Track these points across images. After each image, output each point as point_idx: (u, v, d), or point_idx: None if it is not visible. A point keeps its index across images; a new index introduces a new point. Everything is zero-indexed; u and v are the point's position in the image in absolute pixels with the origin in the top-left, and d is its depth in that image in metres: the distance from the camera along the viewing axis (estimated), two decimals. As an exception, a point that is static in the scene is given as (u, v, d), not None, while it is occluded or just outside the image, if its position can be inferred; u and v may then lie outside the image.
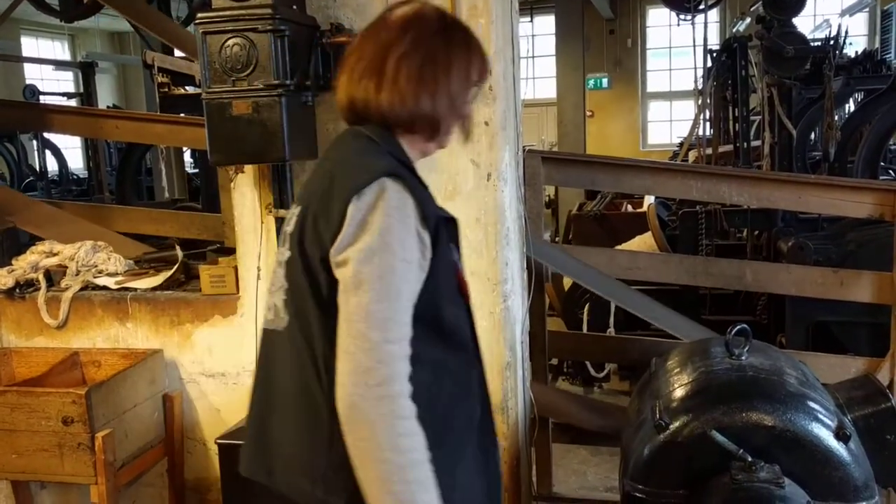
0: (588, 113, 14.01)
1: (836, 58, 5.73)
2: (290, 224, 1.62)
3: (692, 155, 7.60)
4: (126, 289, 3.15)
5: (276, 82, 2.41)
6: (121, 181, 7.23)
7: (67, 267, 3.21)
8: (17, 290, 3.17)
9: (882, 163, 5.51)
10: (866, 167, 5.14)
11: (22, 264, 3.21)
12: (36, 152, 9.61)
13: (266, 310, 1.67)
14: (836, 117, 5.62)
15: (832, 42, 5.72)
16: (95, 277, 3.19)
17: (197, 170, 8.18)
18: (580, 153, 10.63)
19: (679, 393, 2.32)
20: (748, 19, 9.02)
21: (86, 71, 9.51)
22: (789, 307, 4.44)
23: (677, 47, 15.14)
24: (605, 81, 15.91)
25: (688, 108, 14.13)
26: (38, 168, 9.56)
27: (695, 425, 2.17)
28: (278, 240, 2.73)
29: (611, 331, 5.09)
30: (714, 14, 12.68)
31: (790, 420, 2.13)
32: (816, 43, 5.80)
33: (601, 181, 3.70)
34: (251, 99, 2.42)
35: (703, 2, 8.51)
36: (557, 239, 8.25)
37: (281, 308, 1.61)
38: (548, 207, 9.92)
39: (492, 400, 1.73)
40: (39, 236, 3.65)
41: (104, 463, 2.64)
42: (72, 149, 12.45)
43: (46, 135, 9.66)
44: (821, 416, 2.16)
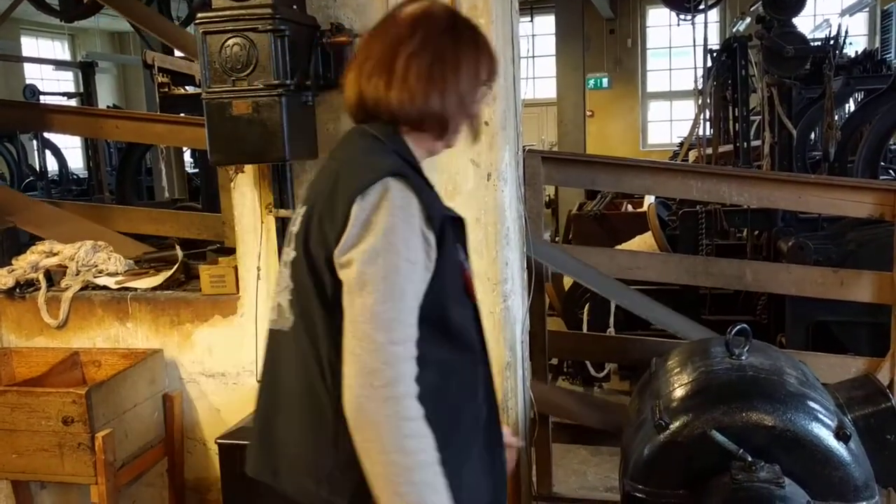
0: (588, 113, 14.01)
1: (836, 58, 5.73)
2: (296, 224, 1.62)
3: (692, 155, 7.59)
4: (126, 289, 3.15)
5: (276, 82, 2.41)
6: (121, 181, 7.23)
7: (67, 267, 3.21)
8: (18, 290, 3.17)
9: (882, 163, 5.50)
10: (866, 167, 5.14)
11: (22, 264, 3.21)
12: (36, 152, 9.61)
13: (272, 310, 1.66)
14: (836, 117, 5.61)
15: (832, 42, 5.72)
16: (95, 277, 3.19)
17: (197, 170, 8.18)
18: (580, 153, 10.63)
19: (679, 393, 2.32)
20: (748, 19, 9.02)
21: (86, 71, 9.51)
22: (789, 307, 4.44)
23: (677, 47, 15.13)
24: (605, 81, 15.90)
25: (688, 108, 14.13)
26: (38, 168, 9.56)
27: (695, 425, 2.17)
28: (279, 239, 2.76)
29: (611, 331, 5.09)
30: (714, 14, 12.67)
31: (790, 420, 2.13)
32: (816, 43, 5.80)
33: (601, 181, 3.70)
34: (251, 99, 2.42)
35: (703, 2, 8.51)
36: (557, 239, 8.25)
37: (286, 308, 1.60)
38: (548, 207, 9.91)
39: (494, 399, 1.72)
40: (39, 236, 3.65)
41: (104, 463, 2.64)
42: (72, 149, 12.45)
43: (46, 135, 9.66)
44: (821, 416, 2.16)
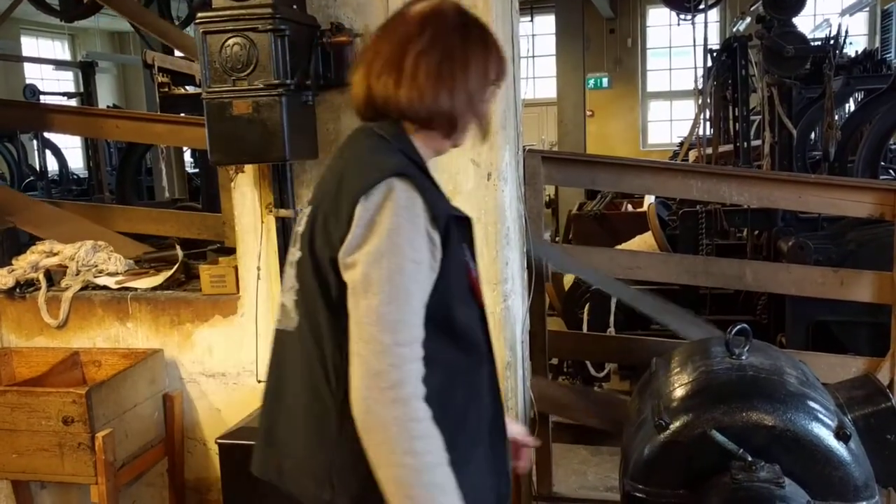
0: (588, 112, 14.03)
1: (837, 57, 5.72)
2: (302, 224, 1.61)
3: (692, 154, 7.58)
4: (126, 288, 3.15)
5: (277, 82, 2.41)
6: (121, 181, 7.22)
7: (67, 267, 3.21)
8: (18, 290, 3.17)
9: (882, 162, 5.50)
10: (866, 167, 5.13)
11: (22, 264, 3.21)
12: (36, 152, 9.60)
13: (278, 309, 1.66)
14: (837, 117, 5.61)
15: (832, 42, 5.71)
16: (96, 277, 3.20)
17: (197, 169, 8.18)
18: (580, 153, 10.63)
19: (679, 392, 2.31)
20: (748, 19, 9.01)
21: (86, 71, 9.51)
22: (789, 307, 4.44)
23: (677, 47, 15.13)
24: (606, 81, 15.89)
25: (688, 108, 14.12)
26: (39, 168, 9.55)
27: (695, 425, 2.17)
28: (279, 239, 2.76)
29: (611, 330, 5.07)
30: (714, 14, 12.67)
31: (790, 420, 2.12)
32: (816, 42, 5.79)
33: (601, 181, 3.70)
34: (251, 98, 2.42)
35: (703, 1, 8.50)
36: (557, 239, 8.25)
37: (291, 308, 1.60)
38: (548, 207, 9.91)
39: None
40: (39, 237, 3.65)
41: (104, 463, 2.64)
42: (72, 148, 12.45)
43: (46, 134, 9.65)
44: (821, 416, 2.15)
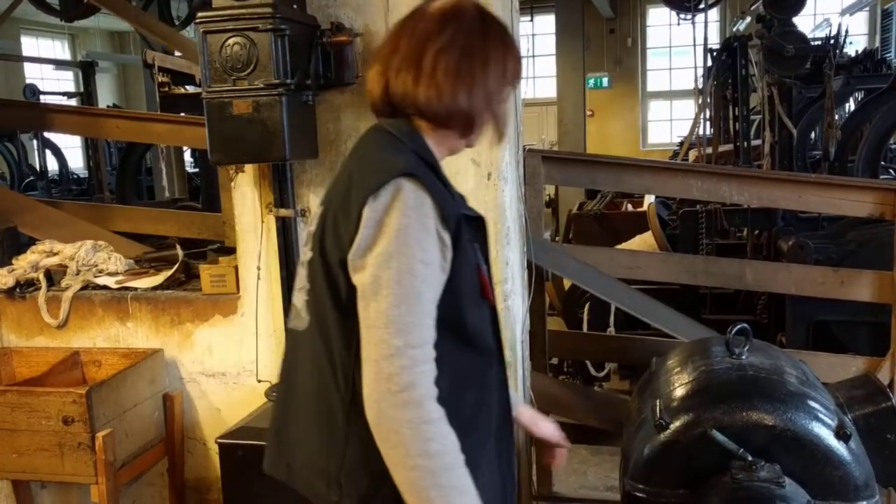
0: (588, 112, 14.03)
1: (837, 57, 5.73)
2: (313, 224, 1.60)
3: (692, 154, 7.59)
4: (126, 288, 3.15)
5: (277, 81, 2.40)
6: (121, 181, 7.22)
7: (68, 266, 3.21)
8: (18, 290, 3.17)
9: (882, 162, 5.50)
10: (867, 166, 5.13)
11: (22, 264, 3.21)
12: (36, 152, 9.61)
13: (290, 309, 1.66)
14: (837, 116, 5.62)
15: (832, 41, 5.71)
16: (96, 277, 3.19)
17: (197, 169, 8.19)
18: (580, 152, 10.63)
19: (679, 392, 2.31)
20: (748, 18, 9.01)
21: (86, 70, 9.52)
22: (789, 306, 4.44)
23: (677, 46, 15.14)
24: (606, 81, 15.91)
25: (688, 108, 14.13)
26: (39, 167, 9.56)
27: (695, 425, 2.17)
28: (279, 239, 2.76)
29: (611, 330, 5.08)
30: (714, 13, 12.68)
31: (790, 419, 2.12)
32: (817, 42, 5.80)
33: (602, 180, 3.70)
34: (251, 98, 2.41)
35: (703, 1, 8.51)
36: (557, 238, 8.25)
37: (302, 308, 1.60)
38: (548, 207, 9.90)
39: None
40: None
41: (104, 462, 2.64)
42: (72, 148, 12.45)
43: (46, 134, 9.66)
44: (821, 416, 2.15)
